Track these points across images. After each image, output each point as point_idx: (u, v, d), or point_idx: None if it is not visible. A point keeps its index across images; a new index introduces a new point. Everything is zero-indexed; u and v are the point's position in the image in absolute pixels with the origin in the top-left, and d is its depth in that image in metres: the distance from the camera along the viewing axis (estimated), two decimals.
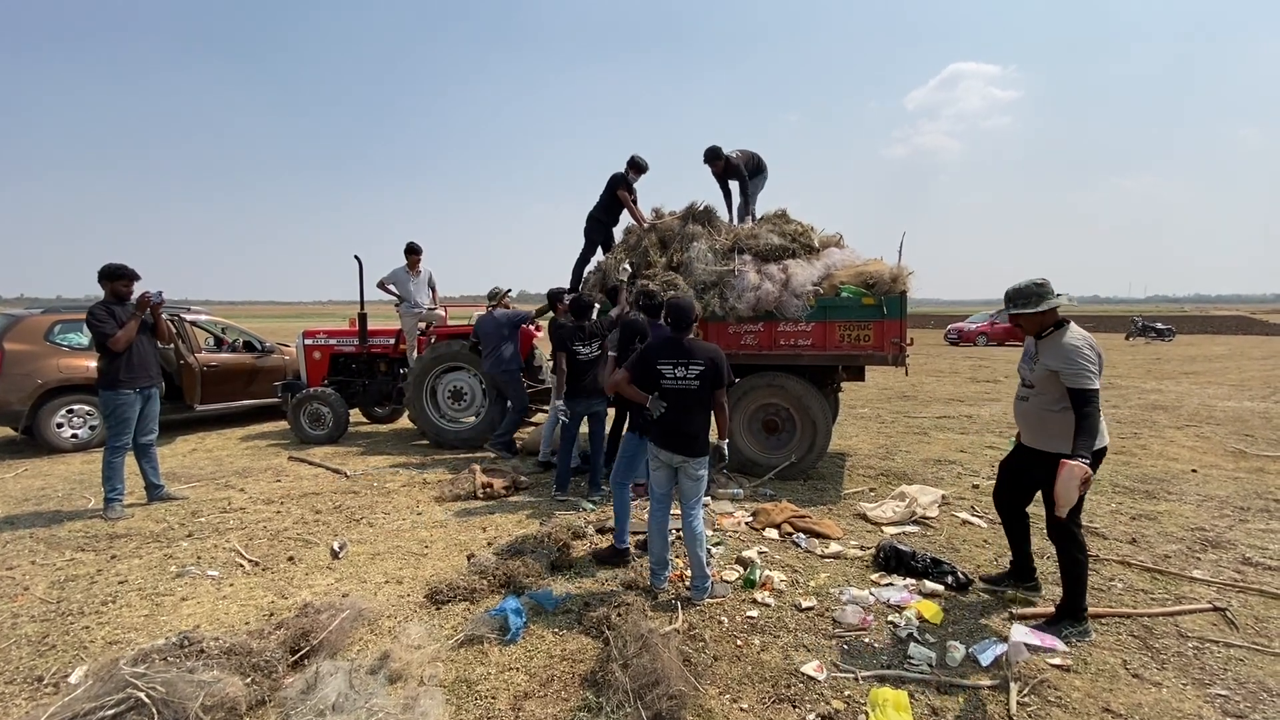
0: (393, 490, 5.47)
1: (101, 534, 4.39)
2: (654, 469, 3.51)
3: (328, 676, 2.50)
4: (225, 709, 2.33)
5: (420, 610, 3.29)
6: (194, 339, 7.95)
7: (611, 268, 6.30)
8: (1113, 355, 19.93)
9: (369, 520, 4.71)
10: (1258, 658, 2.83)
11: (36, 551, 4.09)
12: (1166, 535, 4.27)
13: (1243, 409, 9.29)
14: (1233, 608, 3.25)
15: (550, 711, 2.49)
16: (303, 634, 2.81)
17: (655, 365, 3.37)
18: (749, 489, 5.29)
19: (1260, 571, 3.70)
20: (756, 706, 2.52)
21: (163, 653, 2.54)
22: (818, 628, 3.10)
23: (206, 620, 3.20)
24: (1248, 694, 2.58)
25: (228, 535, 4.38)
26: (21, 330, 6.89)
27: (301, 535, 4.39)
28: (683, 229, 6.22)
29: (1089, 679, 2.67)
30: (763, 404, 5.70)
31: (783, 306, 5.50)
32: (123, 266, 4.77)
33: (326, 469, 6.19)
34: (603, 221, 6.87)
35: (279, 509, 4.97)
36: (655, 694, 2.40)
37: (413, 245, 7.57)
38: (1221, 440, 7.19)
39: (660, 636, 2.77)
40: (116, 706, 2.23)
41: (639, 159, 6.81)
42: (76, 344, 7.03)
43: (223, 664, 2.50)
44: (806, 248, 5.86)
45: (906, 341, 5.40)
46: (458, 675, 2.70)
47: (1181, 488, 5.34)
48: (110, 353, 4.64)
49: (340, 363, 7.97)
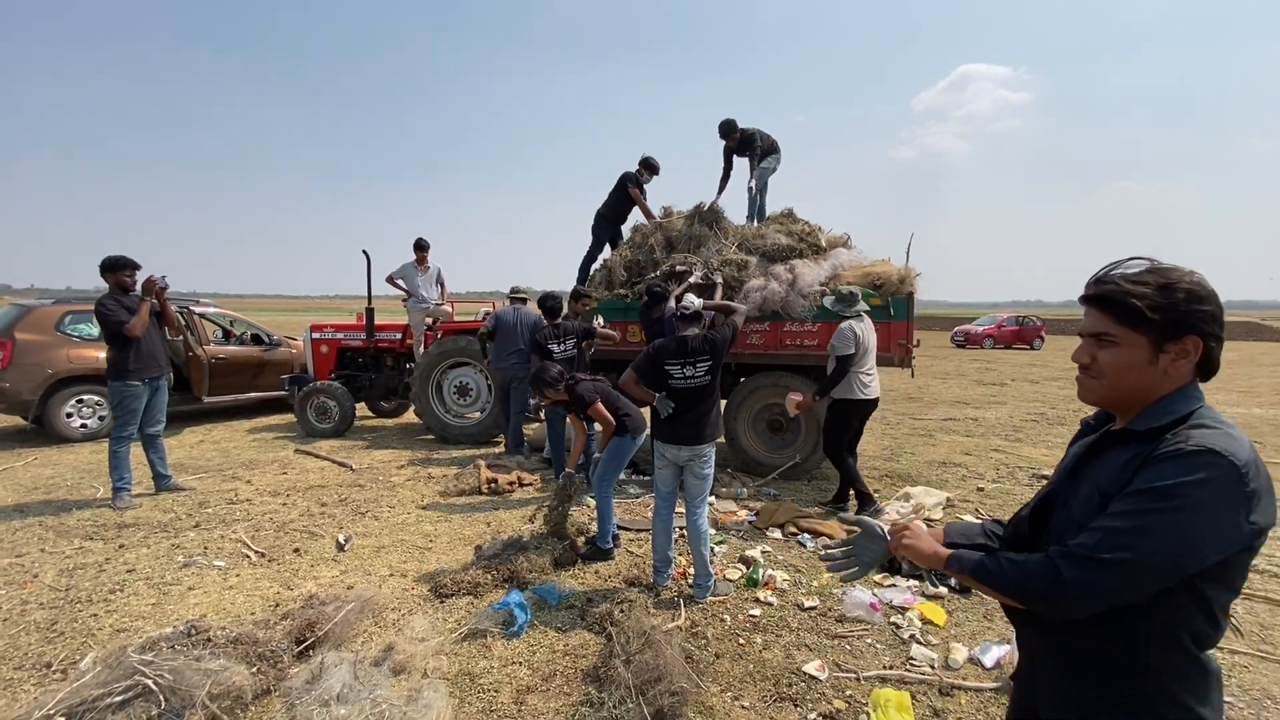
0: (398, 484, 5.49)
1: (110, 523, 4.43)
2: (659, 467, 3.51)
3: (332, 667, 2.52)
4: (231, 697, 2.36)
5: (424, 603, 3.31)
6: (202, 331, 8.00)
7: (617, 265, 6.31)
8: None
9: (374, 514, 4.73)
10: (1262, 665, 2.82)
11: (45, 539, 4.13)
12: None
13: (1251, 416, 9.22)
14: (1237, 614, 3.23)
15: (552, 706, 2.50)
16: (308, 625, 2.83)
17: (663, 366, 3.36)
18: (753, 488, 5.30)
19: (1266, 579, 3.68)
20: (758, 705, 2.53)
21: (170, 641, 2.56)
22: (820, 627, 3.10)
23: (213, 610, 3.23)
24: (1252, 701, 2.57)
25: (234, 526, 4.41)
26: (32, 320, 6.94)
27: (307, 527, 4.41)
28: (689, 229, 6.22)
29: None
30: (767, 404, 5.70)
31: (789, 306, 5.50)
32: (123, 257, 4.79)
33: (332, 462, 6.22)
34: (610, 219, 6.88)
35: (285, 501, 5.00)
36: (657, 690, 2.41)
37: (421, 241, 7.59)
38: None
39: (663, 633, 2.78)
40: (124, 693, 2.25)
41: (651, 159, 6.80)
42: (87, 334, 7.08)
43: (229, 653, 2.53)
44: (814, 248, 5.86)
45: (913, 343, 5.38)
46: (461, 668, 2.72)
47: None
48: (120, 344, 4.67)
49: (347, 357, 8.00)
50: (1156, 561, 0.96)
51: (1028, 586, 1.04)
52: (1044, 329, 27.55)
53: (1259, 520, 0.98)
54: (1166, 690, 1.05)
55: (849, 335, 4.41)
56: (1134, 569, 0.97)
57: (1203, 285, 1.06)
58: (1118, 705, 1.08)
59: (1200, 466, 0.96)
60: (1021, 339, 26.23)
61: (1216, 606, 1.03)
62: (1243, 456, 0.97)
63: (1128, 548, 0.96)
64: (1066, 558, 1.01)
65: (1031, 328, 26.47)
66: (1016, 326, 26.44)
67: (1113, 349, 1.10)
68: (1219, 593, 1.03)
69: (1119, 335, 1.09)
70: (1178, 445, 0.99)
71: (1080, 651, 1.13)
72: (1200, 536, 0.95)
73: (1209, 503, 0.95)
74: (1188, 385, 1.08)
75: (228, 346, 8.34)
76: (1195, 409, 1.06)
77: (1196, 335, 1.05)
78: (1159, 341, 1.06)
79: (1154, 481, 0.98)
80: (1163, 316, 1.05)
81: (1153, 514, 0.96)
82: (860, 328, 4.48)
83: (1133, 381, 1.09)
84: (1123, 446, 1.10)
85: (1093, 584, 0.98)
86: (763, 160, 6.59)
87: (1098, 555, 0.98)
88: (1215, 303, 1.07)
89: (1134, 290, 1.07)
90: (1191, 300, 1.05)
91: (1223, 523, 0.96)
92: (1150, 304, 1.05)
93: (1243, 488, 0.96)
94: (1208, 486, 0.95)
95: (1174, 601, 1.02)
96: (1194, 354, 1.06)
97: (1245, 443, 1.01)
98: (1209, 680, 1.07)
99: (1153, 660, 1.06)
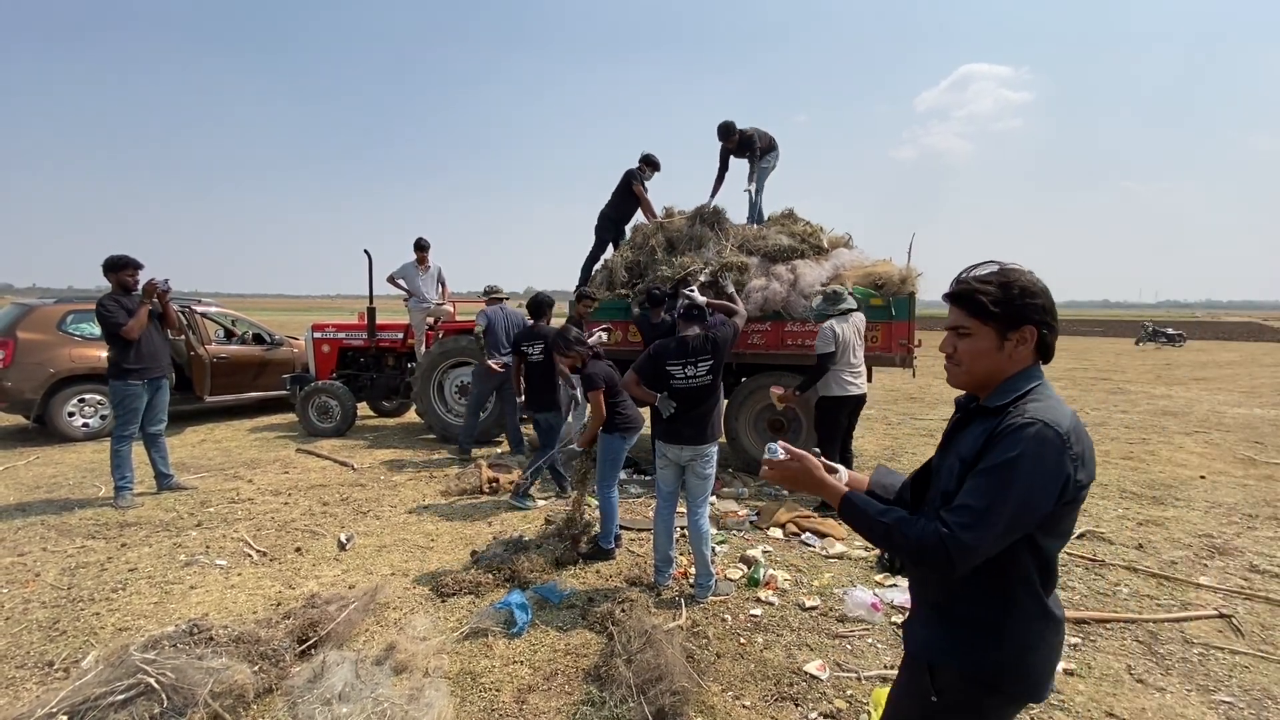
0: (399, 484, 5.50)
1: (112, 522, 4.44)
2: (661, 467, 3.52)
3: (334, 666, 2.52)
4: (233, 696, 2.36)
5: (426, 603, 3.32)
6: (204, 331, 8.01)
7: (618, 266, 6.31)
8: (1123, 360, 19.79)
9: (375, 513, 4.74)
10: (1263, 665, 2.82)
11: (48, 538, 4.14)
12: (1174, 541, 4.25)
13: (1253, 416, 9.21)
14: (1239, 615, 3.23)
15: (554, 705, 2.51)
16: (310, 624, 2.84)
17: (665, 367, 3.37)
18: (753, 488, 5.30)
19: (1267, 579, 3.67)
20: (759, 704, 2.53)
21: (172, 639, 2.57)
22: (821, 627, 3.10)
23: (215, 609, 3.23)
24: (1252, 701, 2.57)
25: (236, 525, 4.42)
26: (34, 320, 6.95)
27: (309, 527, 4.42)
28: (690, 230, 6.22)
29: (1093, 683, 2.67)
30: (769, 404, 5.70)
31: (790, 306, 5.50)
32: (126, 257, 4.79)
33: (334, 461, 6.23)
34: (613, 219, 6.87)
35: (287, 500, 5.01)
36: (658, 689, 2.42)
37: (421, 241, 7.59)
38: (1231, 447, 7.13)
39: (664, 633, 2.79)
40: (127, 691, 2.26)
41: (653, 156, 6.79)
42: (89, 334, 7.09)
43: (231, 652, 2.53)
44: (815, 248, 5.86)
45: (914, 343, 5.38)
46: (462, 667, 2.73)
47: (1190, 494, 5.30)
48: (120, 344, 4.68)
49: (349, 356, 8.00)
50: (1011, 521, 1.15)
51: (926, 557, 1.19)
52: None
53: (1082, 478, 1.19)
54: (1009, 629, 1.25)
55: (829, 335, 4.56)
56: (997, 530, 1.15)
57: (1035, 283, 1.26)
58: (971, 643, 1.28)
59: (1030, 438, 1.16)
60: None
61: (1048, 553, 1.24)
62: (1064, 425, 1.18)
63: (989, 516, 1.14)
64: (949, 530, 1.16)
65: None
66: None
67: (968, 339, 1.30)
68: (1048, 540, 1.24)
69: (972, 327, 1.29)
70: (1014, 420, 1.19)
71: (938, 596, 1.34)
72: (1036, 495, 1.16)
73: (1039, 468, 1.15)
74: (1030, 367, 1.28)
75: (229, 346, 8.35)
76: (1034, 387, 1.25)
77: (1032, 325, 1.25)
78: (1003, 331, 1.26)
79: (998, 458, 1.17)
80: (1003, 310, 1.25)
81: (1001, 485, 1.15)
82: (841, 327, 4.58)
83: (985, 366, 1.30)
84: (980, 421, 1.29)
85: (970, 548, 1.15)
86: (762, 159, 6.55)
87: (971, 527, 1.15)
88: (1046, 297, 1.27)
89: (981, 289, 1.27)
90: (1025, 296, 1.25)
91: (1050, 481, 1.16)
92: (993, 299, 1.25)
93: (1066, 451, 1.17)
94: (1038, 454, 1.15)
95: (1012, 550, 1.21)
96: (1031, 341, 1.26)
97: (1068, 413, 1.22)
98: (1047, 624, 1.27)
99: (993, 603, 1.26)
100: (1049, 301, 1.27)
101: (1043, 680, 1.27)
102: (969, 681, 1.27)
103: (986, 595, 1.25)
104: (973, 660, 1.26)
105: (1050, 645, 1.27)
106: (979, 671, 1.26)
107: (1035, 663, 1.25)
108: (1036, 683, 1.27)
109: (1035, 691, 1.28)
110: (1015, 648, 1.25)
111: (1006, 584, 1.23)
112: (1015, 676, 1.25)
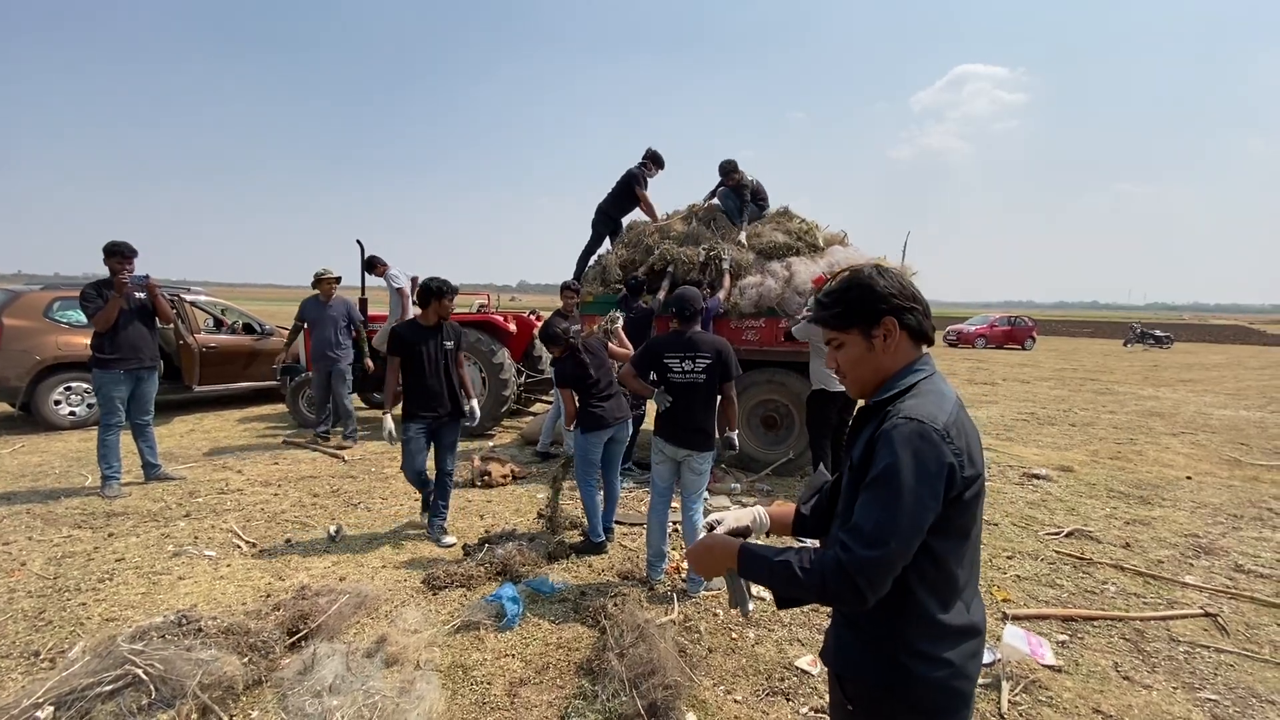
0: (390, 476, 5.47)
1: (99, 511, 4.39)
2: (657, 462, 3.51)
3: (325, 658, 2.51)
4: (222, 687, 2.35)
5: (417, 595, 3.31)
6: (193, 320, 7.92)
7: (612, 264, 6.29)
8: (1110, 361, 19.98)
9: (366, 505, 4.72)
10: (1247, 663, 2.86)
11: (33, 528, 4.09)
12: (1160, 541, 4.29)
13: (1239, 418, 9.33)
14: (1224, 614, 3.27)
15: (545, 698, 2.51)
16: (300, 616, 2.82)
17: (661, 359, 3.36)
18: (746, 483, 5.31)
19: (1252, 579, 3.72)
20: (750, 699, 2.54)
21: (160, 630, 2.55)
22: (812, 622, 3.11)
23: (203, 600, 3.21)
24: (1237, 699, 2.60)
25: (225, 516, 4.38)
26: (21, 306, 6.86)
27: (299, 518, 4.39)
28: (688, 229, 6.20)
29: (1080, 680, 2.70)
30: (762, 400, 5.71)
31: (785, 304, 5.50)
32: (117, 244, 4.65)
33: (324, 453, 6.19)
34: (611, 215, 6.84)
35: (276, 491, 4.98)
36: (650, 683, 2.42)
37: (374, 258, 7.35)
38: (1217, 448, 7.22)
39: (656, 627, 2.79)
40: (114, 682, 2.24)
41: (657, 153, 6.72)
42: (75, 321, 7.00)
43: (220, 643, 2.51)
44: (810, 246, 5.86)
45: None
46: (454, 660, 2.72)
47: (1176, 494, 5.36)
48: (98, 331, 4.64)
49: None
50: (909, 531, 1.09)
51: (831, 587, 1.10)
52: (1035, 330, 27.73)
53: (969, 473, 1.14)
54: (903, 637, 1.18)
55: (808, 327, 4.76)
56: (897, 547, 1.08)
57: (873, 276, 1.25)
58: (868, 652, 1.22)
59: (906, 439, 1.11)
60: (1013, 339, 26.39)
61: (942, 553, 1.16)
62: (942, 420, 1.13)
63: (883, 533, 1.08)
64: (849, 552, 1.09)
65: (1023, 328, 26.64)
66: (1008, 327, 26.60)
67: (842, 350, 1.30)
68: (940, 542, 1.15)
69: (839, 338, 1.29)
70: (890, 422, 1.15)
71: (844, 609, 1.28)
72: (925, 497, 1.09)
73: (921, 470, 1.09)
74: (914, 361, 1.25)
75: (219, 335, 8.26)
76: (917, 381, 1.22)
77: (888, 315, 1.22)
78: (866, 331, 1.25)
79: (879, 467, 1.12)
80: (856, 311, 1.25)
81: (890, 496, 1.09)
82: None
83: (866, 369, 1.28)
84: (869, 424, 1.25)
85: (878, 575, 1.08)
86: (754, 201, 6.30)
87: (871, 545, 1.08)
88: (891, 282, 1.24)
89: (829, 301, 1.29)
90: (866, 291, 1.24)
91: (934, 479, 1.10)
92: (843, 305, 1.26)
93: (946, 445, 1.11)
94: (917, 453, 1.10)
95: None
96: (895, 331, 1.23)
97: (949, 407, 1.17)
98: (947, 633, 1.18)
99: (894, 609, 1.18)
100: (897, 286, 1.24)
101: (955, 695, 1.19)
102: (876, 692, 1.21)
103: (882, 603, 1.14)
104: (874, 670, 1.20)
105: (959, 656, 1.18)
106: (882, 683, 1.20)
107: (942, 676, 1.17)
108: (950, 697, 1.18)
109: (951, 706, 1.19)
110: (916, 658, 1.17)
111: (903, 591, 1.15)
112: (924, 688, 1.17)
